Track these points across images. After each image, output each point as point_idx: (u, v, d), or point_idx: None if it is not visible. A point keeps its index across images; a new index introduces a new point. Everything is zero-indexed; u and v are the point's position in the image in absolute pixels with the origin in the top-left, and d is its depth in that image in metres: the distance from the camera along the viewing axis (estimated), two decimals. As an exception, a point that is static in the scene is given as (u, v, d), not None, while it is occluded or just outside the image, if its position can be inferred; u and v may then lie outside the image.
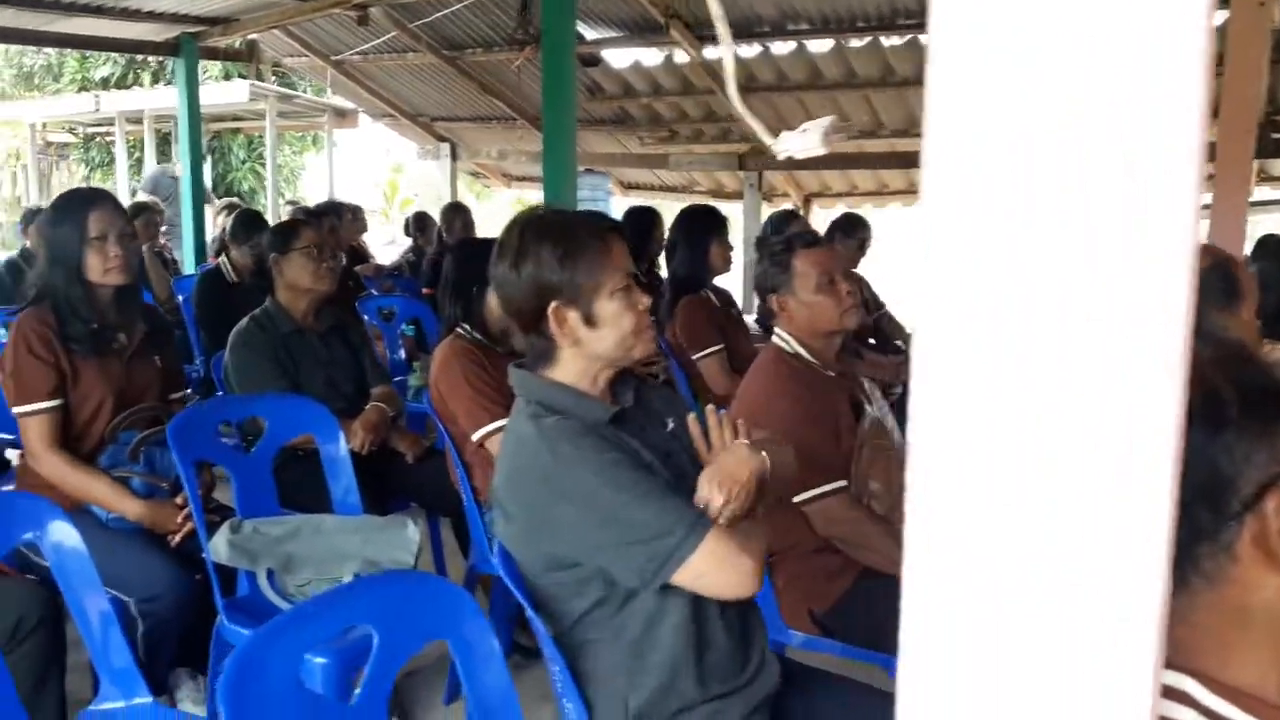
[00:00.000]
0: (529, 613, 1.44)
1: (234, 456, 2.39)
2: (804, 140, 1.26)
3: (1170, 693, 0.71)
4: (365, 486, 2.58)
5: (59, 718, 2.03)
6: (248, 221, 4.76)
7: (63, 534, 1.76)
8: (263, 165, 11.89)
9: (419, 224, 6.55)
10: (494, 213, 13.46)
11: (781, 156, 1.29)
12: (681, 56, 7.08)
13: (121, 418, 2.42)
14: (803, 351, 2.25)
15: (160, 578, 2.22)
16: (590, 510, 1.39)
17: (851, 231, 4.35)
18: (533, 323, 1.51)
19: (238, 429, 2.74)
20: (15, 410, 2.34)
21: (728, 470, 1.48)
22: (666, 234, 3.92)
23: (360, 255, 5.69)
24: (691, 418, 1.64)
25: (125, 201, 9.99)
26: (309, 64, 8.83)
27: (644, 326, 1.56)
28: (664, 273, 4.10)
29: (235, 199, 10.18)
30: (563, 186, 5.48)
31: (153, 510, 2.34)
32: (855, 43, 6.50)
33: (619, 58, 7.52)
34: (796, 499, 2.11)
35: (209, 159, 11.81)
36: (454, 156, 9.44)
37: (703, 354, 3.39)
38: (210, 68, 11.77)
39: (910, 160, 7.45)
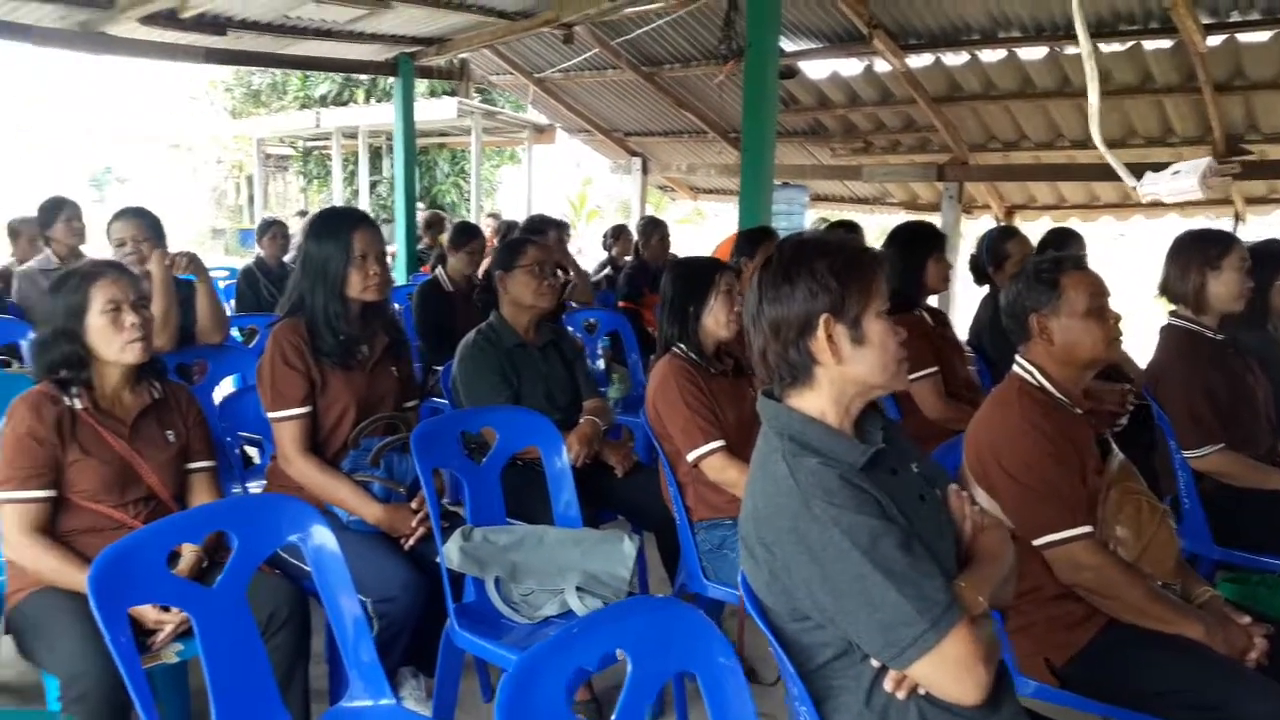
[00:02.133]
0: (776, 650, 1.42)
1: (468, 466, 2.48)
2: (1175, 184, 1.18)
3: None
4: (578, 498, 2.64)
5: (303, 708, 2.15)
6: (464, 230, 4.97)
7: (323, 538, 1.87)
8: (465, 179, 12.44)
9: (615, 236, 6.66)
10: (672, 224, 13.60)
11: (1146, 200, 1.22)
12: (882, 66, 6.92)
13: (363, 425, 2.56)
14: (1047, 384, 2.13)
15: (395, 579, 2.34)
16: (836, 578, 1.34)
17: (1063, 248, 4.13)
18: (796, 338, 1.48)
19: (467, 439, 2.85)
20: (270, 415, 2.52)
21: (992, 552, 1.46)
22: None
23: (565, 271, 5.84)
24: (953, 489, 1.59)
25: (398, 207, 10.60)
26: (512, 81, 9.16)
27: (903, 356, 1.52)
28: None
29: (439, 210, 10.67)
30: (760, 199, 5.47)
31: (390, 514, 2.46)
32: (1070, 50, 6.17)
33: (816, 69, 7.42)
34: (1037, 542, 2.00)
35: (418, 172, 12.45)
36: (644, 170, 9.58)
37: (916, 376, 3.28)
38: (419, 86, 12.41)
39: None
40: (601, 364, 4.66)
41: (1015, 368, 2.21)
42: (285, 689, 2.11)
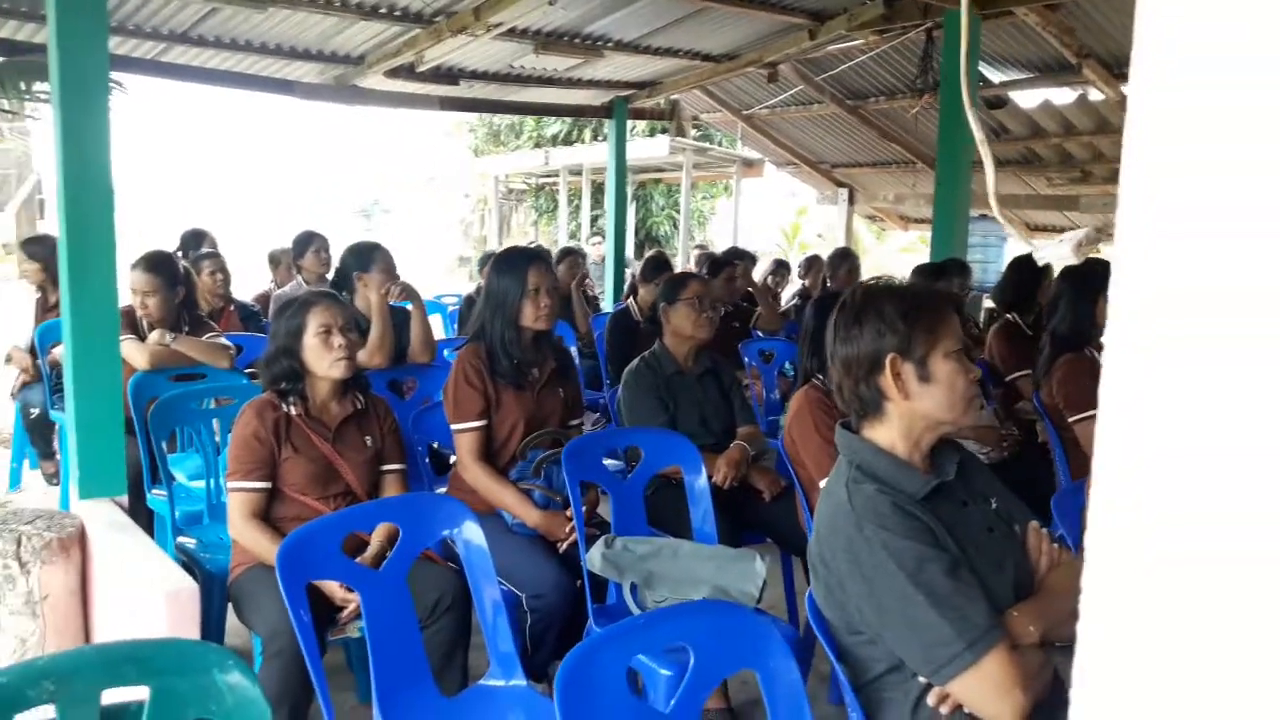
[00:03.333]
0: (833, 662, 1.57)
1: (613, 480, 2.74)
2: (1058, 250, 1.29)
3: None
4: (723, 518, 2.82)
5: (460, 686, 2.45)
6: (655, 264, 5.28)
7: (472, 533, 2.17)
8: (678, 211, 12.88)
9: (808, 267, 6.79)
10: (889, 255, 13.39)
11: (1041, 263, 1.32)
12: (1096, 94, 6.69)
13: (529, 439, 2.87)
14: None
15: (548, 579, 2.61)
16: (882, 596, 1.47)
17: None
18: (866, 375, 1.63)
19: (624, 455, 3.11)
20: (452, 427, 2.88)
21: (1057, 587, 1.54)
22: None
23: (752, 300, 6.03)
24: (1033, 527, 1.67)
25: (564, 243, 11.33)
26: (722, 118, 9.48)
27: (973, 395, 1.63)
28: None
29: (660, 251, 11.12)
30: (953, 231, 5.46)
31: (547, 520, 2.75)
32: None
33: (1027, 98, 7.26)
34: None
35: (633, 206, 13.02)
36: (851, 201, 9.62)
37: (1080, 417, 3.24)
38: (638, 125, 13.00)
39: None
40: (778, 394, 4.80)
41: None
42: (445, 668, 2.42)
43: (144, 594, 2.45)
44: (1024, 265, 4.41)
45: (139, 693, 1.18)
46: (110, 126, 3.02)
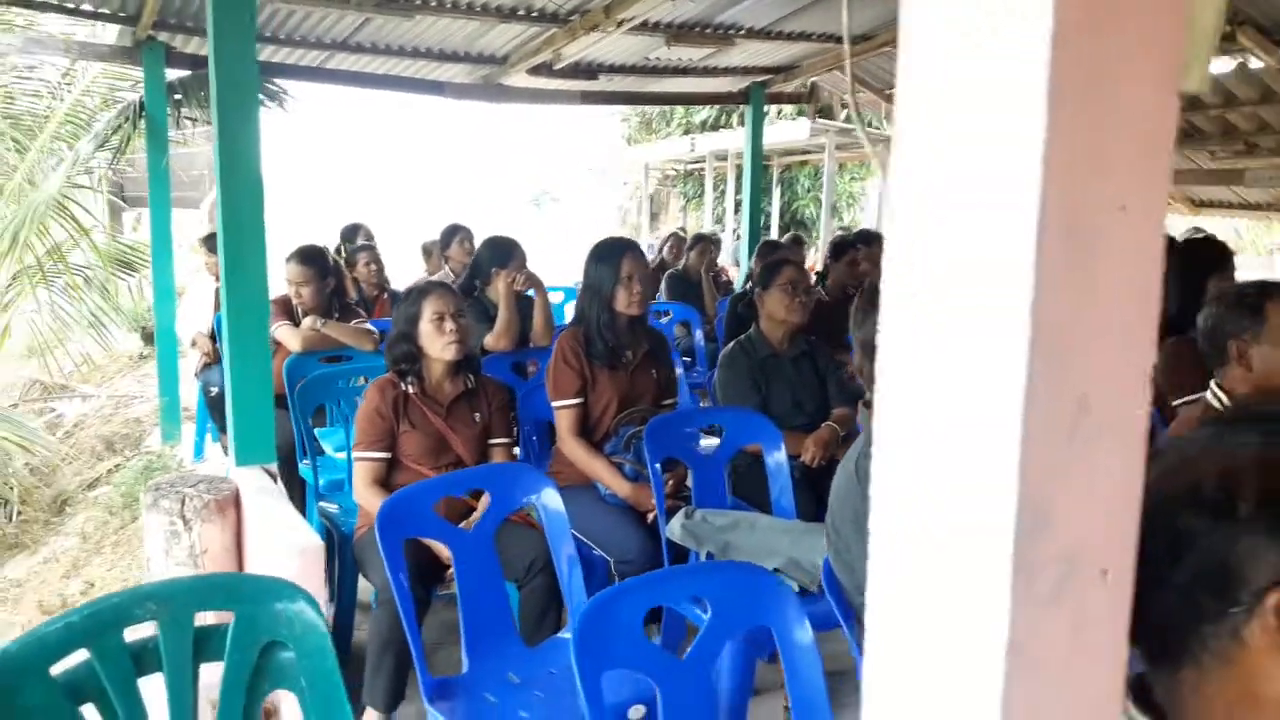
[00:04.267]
0: (841, 624, 1.69)
1: (694, 455, 2.91)
2: None
3: None
4: (808, 495, 2.95)
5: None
6: (766, 250, 5.38)
7: (550, 499, 2.39)
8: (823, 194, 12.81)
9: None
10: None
11: None
12: (1257, 63, 6.29)
13: (621, 416, 3.08)
14: (1235, 409, 2.12)
15: (634, 545, 2.82)
16: None
17: None
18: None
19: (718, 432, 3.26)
20: (552, 404, 3.12)
21: None
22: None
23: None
24: None
25: (708, 227, 11.47)
26: (866, 99, 9.38)
27: None
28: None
29: (799, 233, 11.12)
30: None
31: (636, 491, 2.95)
32: None
33: (1183, 70, 6.88)
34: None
35: (779, 189, 13.03)
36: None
37: (1184, 400, 3.16)
38: (784, 108, 12.98)
39: None
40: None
41: (1207, 393, 2.20)
42: (539, 623, 2.66)
43: (280, 550, 2.79)
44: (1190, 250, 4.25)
45: (225, 617, 1.45)
46: (260, 132, 3.39)
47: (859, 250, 5.70)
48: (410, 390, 2.93)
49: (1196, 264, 3.30)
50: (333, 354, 4.20)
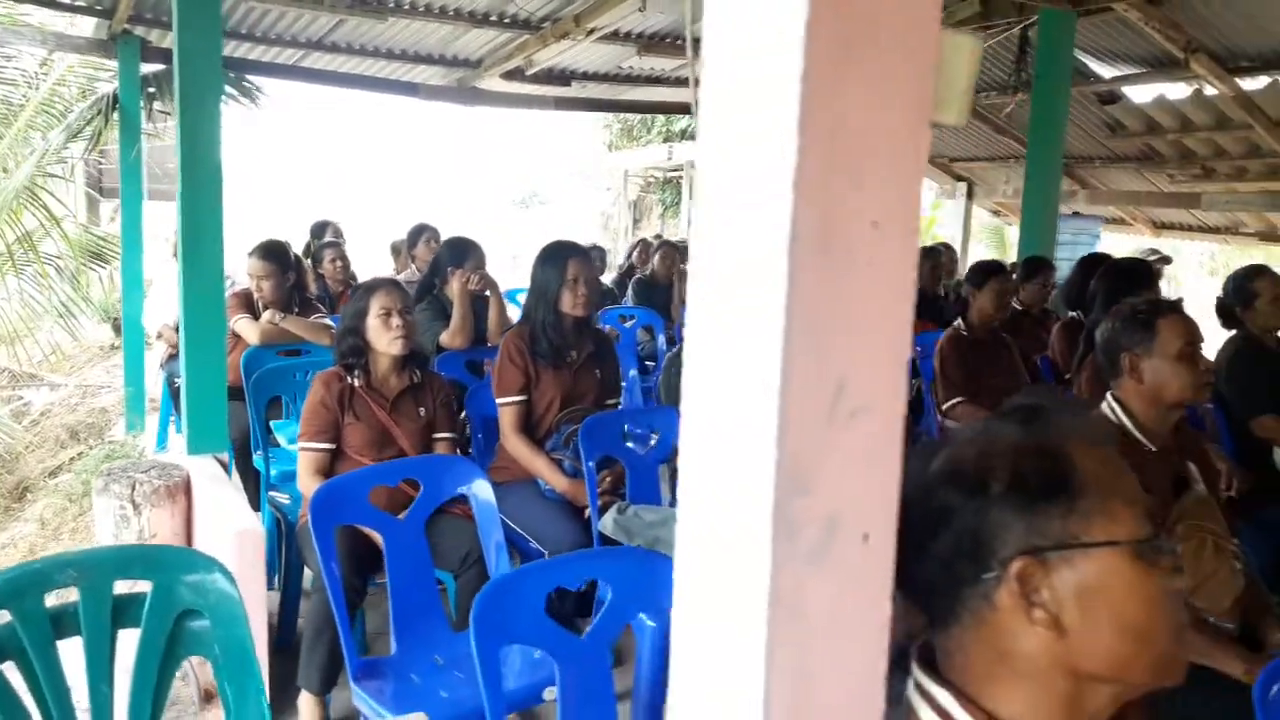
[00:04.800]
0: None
1: (629, 453, 3.01)
2: None
3: (931, 701, 0.91)
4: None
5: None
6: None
7: (481, 489, 2.49)
8: (800, 204, 12.95)
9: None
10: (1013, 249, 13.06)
11: None
12: (1211, 90, 6.47)
13: (563, 414, 3.18)
14: (1127, 423, 2.24)
15: (568, 538, 2.91)
16: None
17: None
18: None
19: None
20: (496, 400, 3.21)
21: None
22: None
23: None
24: None
25: (684, 234, 11.53)
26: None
27: None
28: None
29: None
30: (1042, 229, 5.45)
31: (573, 486, 3.05)
32: None
33: (1141, 94, 7.07)
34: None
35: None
36: (969, 195, 9.52)
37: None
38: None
39: None
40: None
41: (1103, 403, 2.32)
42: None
43: (224, 535, 2.88)
44: (1090, 265, 4.41)
45: (144, 586, 1.54)
46: (220, 127, 3.47)
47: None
48: (356, 383, 3.02)
49: (1123, 284, 3.43)
50: (291, 347, 4.29)
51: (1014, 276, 4.88)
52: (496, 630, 1.63)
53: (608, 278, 7.56)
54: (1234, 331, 3.82)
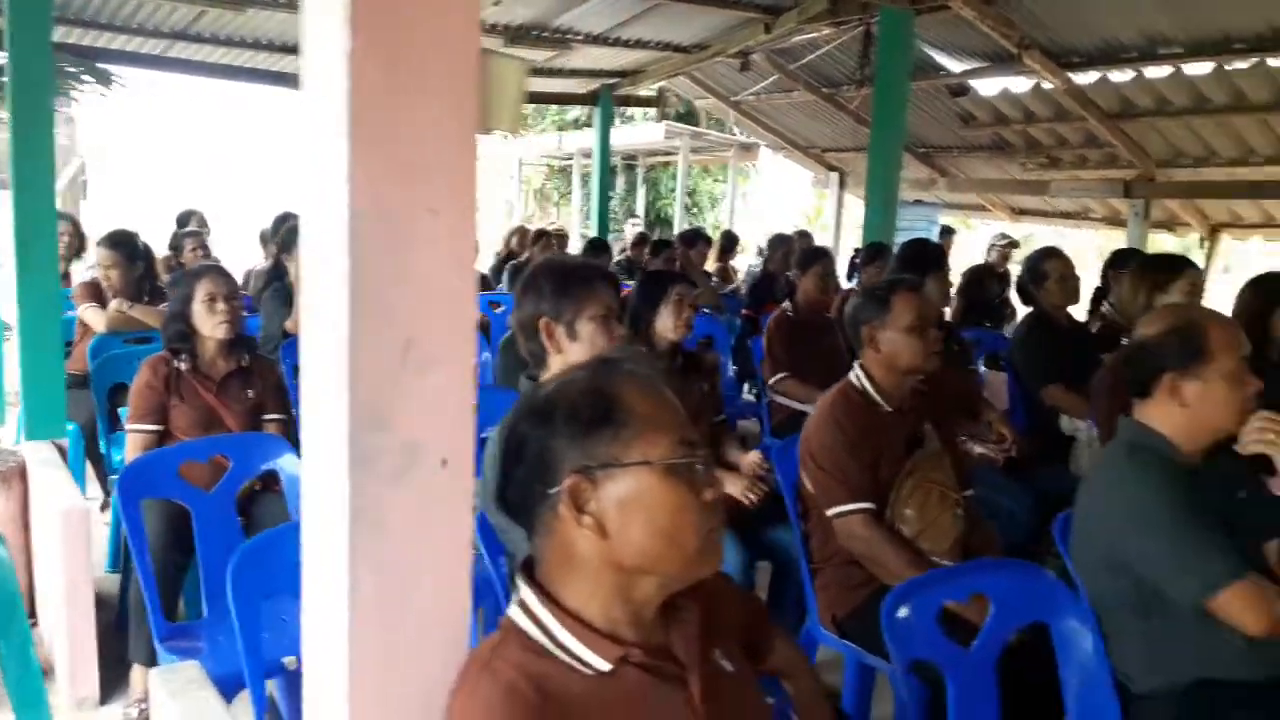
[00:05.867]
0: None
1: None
2: None
3: (519, 599, 1.11)
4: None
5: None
6: (596, 246, 5.70)
7: (288, 464, 2.63)
8: (687, 194, 13.24)
9: (770, 246, 7.12)
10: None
11: None
12: (1048, 84, 6.89)
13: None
14: (869, 388, 2.49)
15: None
16: None
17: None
18: (532, 334, 2.05)
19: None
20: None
21: None
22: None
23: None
24: None
25: (575, 222, 11.68)
26: (714, 105, 9.81)
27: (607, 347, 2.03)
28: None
29: (636, 227, 11.46)
30: (884, 217, 5.75)
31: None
32: (1239, 64, 5.91)
33: (987, 86, 7.48)
34: (828, 514, 2.39)
35: (644, 188, 13.40)
36: (842, 184, 9.89)
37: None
38: (650, 111, 13.33)
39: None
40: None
41: (850, 373, 2.57)
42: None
43: (52, 516, 2.96)
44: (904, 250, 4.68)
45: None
46: (53, 117, 3.52)
47: (676, 249, 6.08)
48: (182, 367, 3.12)
49: (913, 265, 3.73)
50: (141, 335, 4.33)
51: (856, 260, 5.18)
52: (251, 586, 1.79)
53: (487, 264, 7.69)
54: (1030, 309, 4.17)
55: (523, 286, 2.08)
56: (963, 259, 9.01)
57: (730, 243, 8.59)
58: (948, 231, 9.46)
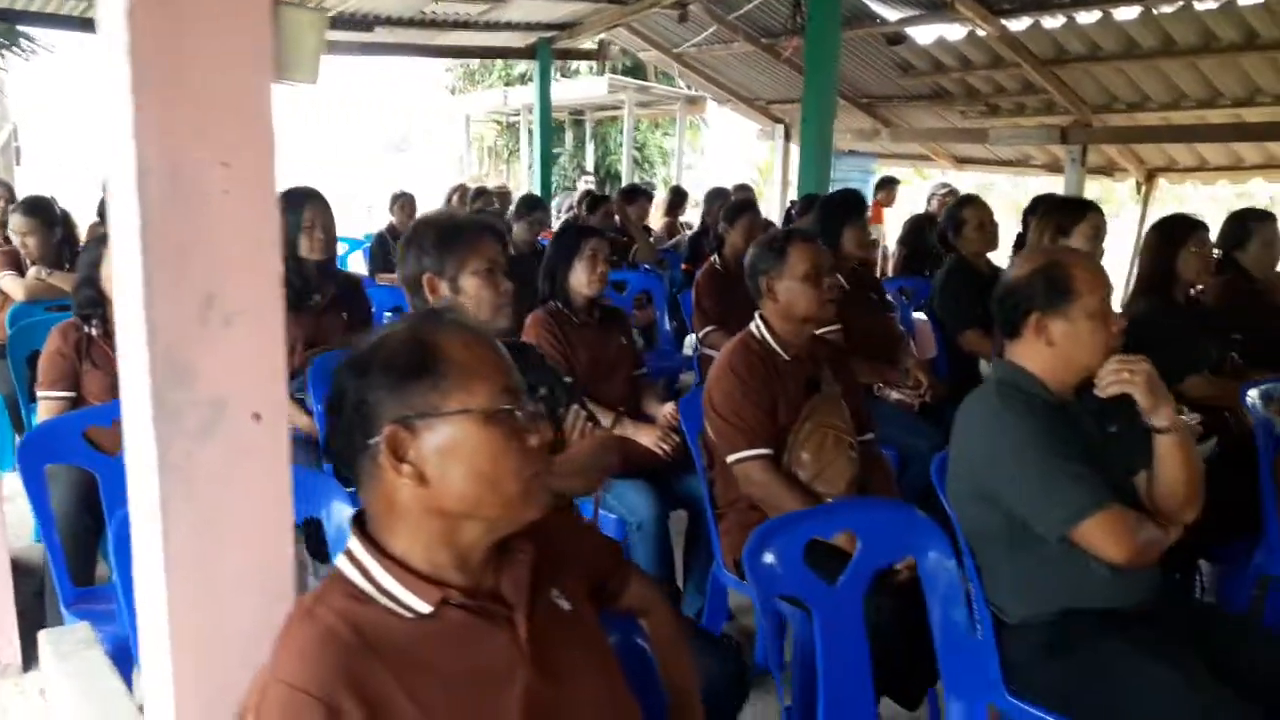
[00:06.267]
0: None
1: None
2: None
3: (347, 549, 1.13)
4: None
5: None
6: (529, 203, 5.66)
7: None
8: (636, 148, 13.16)
9: (706, 200, 7.10)
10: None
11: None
12: (982, 31, 6.91)
13: (308, 354, 3.32)
14: (768, 337, 2.53)
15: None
16: None
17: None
18: (416, 290, 2.05)
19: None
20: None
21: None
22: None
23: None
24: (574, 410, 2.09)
25: (525, 180, 11.57)
26: (657, 58, 9.73)
27: (500, 304, 2.04)
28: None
29: (588, 184, 11.38)
30: (819, 168, 5.76)
31: (312, 424, 3.20)
32: (1166, 8, 5.96)
33: (924, 34, 7.48)
34: (728, 460, 2.43)
35: (592, 144, 13.29)
36: (787, 136, 9.88)
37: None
38: (583, 65, 13.16)
39: (1263, 131, 6.63)
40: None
41: (751, 322, 2.60)
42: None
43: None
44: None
45: None
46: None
47: (614, 204, 6.06)
48: (94, 333, 3.09)
49: (838, 213, 3.75)
50: (61, 303, 4.27)
51: (791, 213, 5.19)
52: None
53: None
54: (950, 255, 4.21)
55: (405, 242, 2.07)
56: (909, 209, 9.06)
57: (678, 198, 8.56)
58: (892, 182, 9.51)
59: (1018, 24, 6.73)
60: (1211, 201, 13.51)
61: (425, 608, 1.08)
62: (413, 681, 1.04)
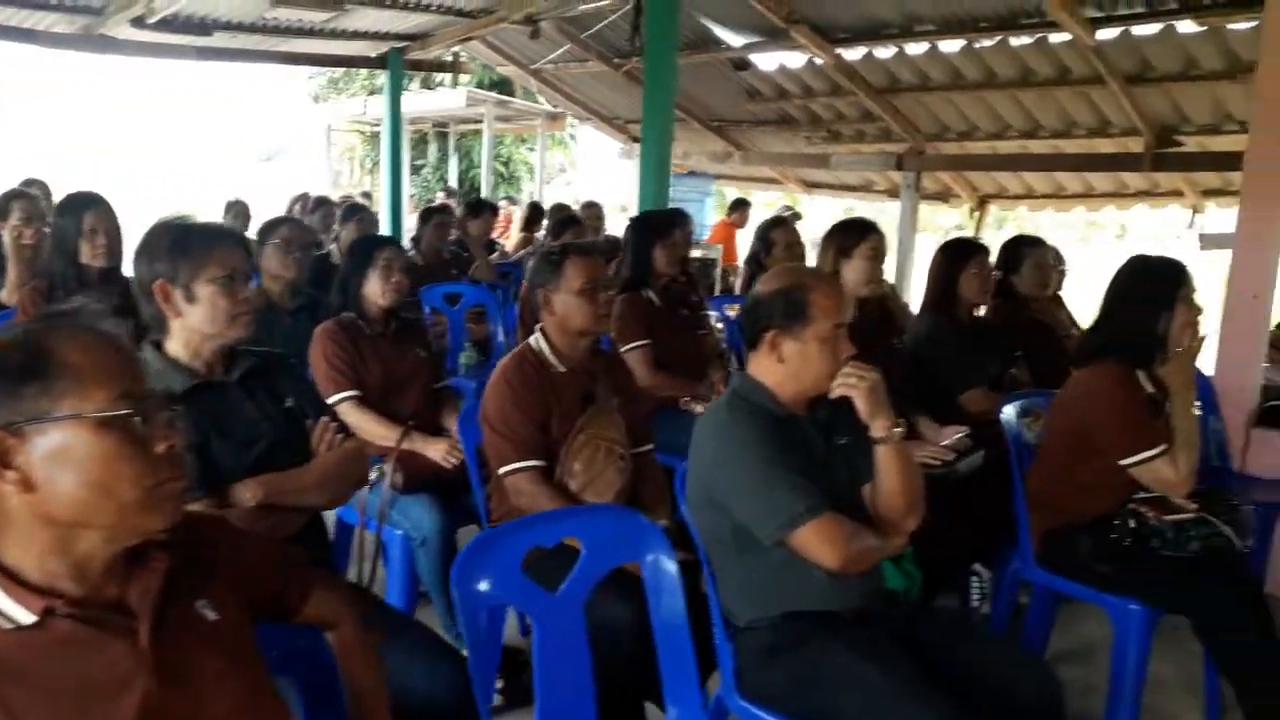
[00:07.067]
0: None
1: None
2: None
3: None
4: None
5: None
6: (425, 215, 5.63)
7: None
8: (501, 163, 13.12)
9: (550, 215, 7.10)
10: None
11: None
12: (820, 60, 7.14)
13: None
14: (545, 349, 2.54)
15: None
16: None
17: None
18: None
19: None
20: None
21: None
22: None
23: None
24: (322, 422, 2.03)
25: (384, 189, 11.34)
26: (515, 73, 9.72)
27: (239, 312, 1.98)
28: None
29: (445, 198, 11.27)
30: (658, 188, 5.82)
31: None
32: (985, 42, 6.28)
33: (766, 61, 7.70)
34: (500, 471, 2.43)
35: (456, 157, 13.18)
36: (643, 156, 9.98)
37: (627, 348, 3.65)
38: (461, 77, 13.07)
39: (1081, 162, 7.05)
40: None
41: (532, 336, 2.61)
42: None
43: None
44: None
45: None
46: None
47: (452, 218, 6.00)
48: None
49: (648, 234, 3.80)
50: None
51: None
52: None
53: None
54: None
55: (139, 247, 2.00)
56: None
57: (536, 214, 8.55)
58: (744, 204, 9.73)
59: (852, 53, 6.98)
60: (1063, 227, 14.28)
61: (28, 618, 1.04)
62: (9, 693, 1.01)
